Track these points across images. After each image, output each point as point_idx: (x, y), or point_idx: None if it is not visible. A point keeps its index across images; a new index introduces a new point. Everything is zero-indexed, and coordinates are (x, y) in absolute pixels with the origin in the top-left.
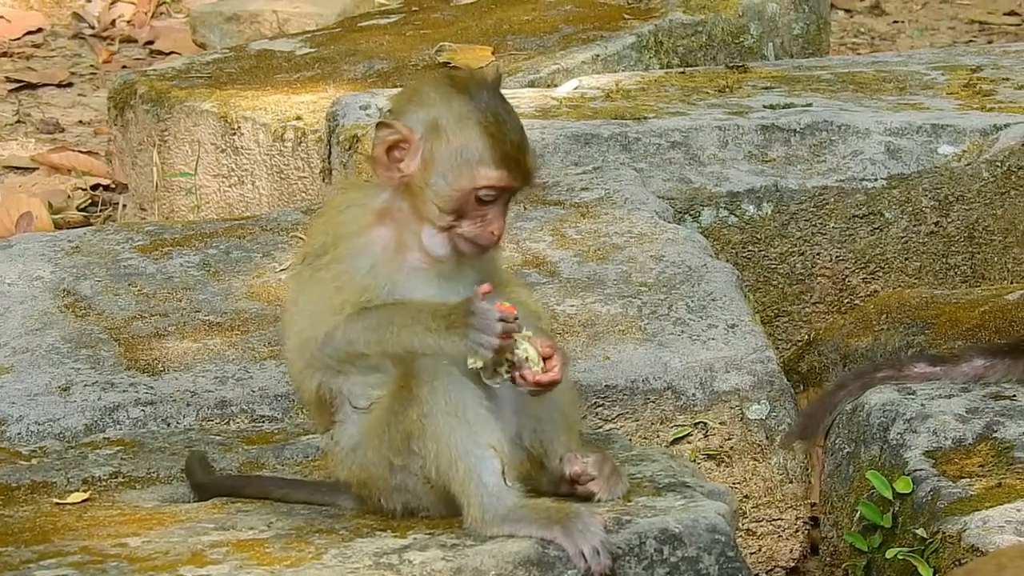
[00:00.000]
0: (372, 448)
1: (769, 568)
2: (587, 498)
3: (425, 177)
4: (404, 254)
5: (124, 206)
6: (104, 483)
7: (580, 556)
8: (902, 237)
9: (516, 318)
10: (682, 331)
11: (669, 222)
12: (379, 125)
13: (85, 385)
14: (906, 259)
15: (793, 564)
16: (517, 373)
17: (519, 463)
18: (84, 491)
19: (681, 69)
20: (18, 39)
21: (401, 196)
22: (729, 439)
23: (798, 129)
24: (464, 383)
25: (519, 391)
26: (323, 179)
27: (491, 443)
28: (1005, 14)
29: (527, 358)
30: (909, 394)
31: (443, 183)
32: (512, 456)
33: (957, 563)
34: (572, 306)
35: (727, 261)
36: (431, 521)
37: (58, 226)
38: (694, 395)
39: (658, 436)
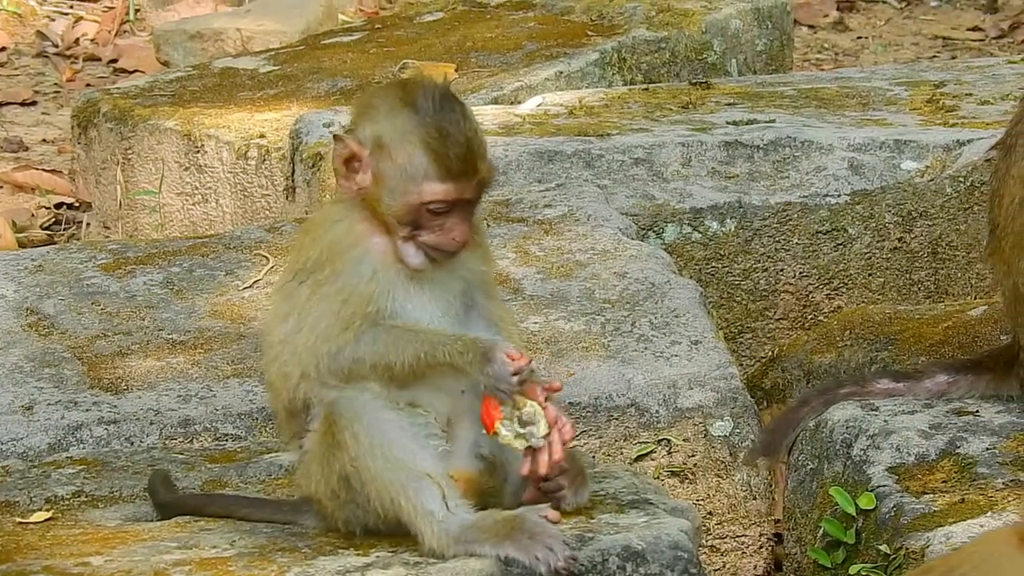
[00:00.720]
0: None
1: None
2: (554, 498)
3: (377, 191)
4: (396, 262)
5: (88, 224)
6: (67, 502)
7: (537, 563)
8: (865, 253)
9: (532, 371)
10: (645, 348)
11: (632, 239)
12: (334, 138)
13: (48, 404)
14: (870, 275)
15: None
16: (531, 457)
17: (478, 473)
18: (47, 510)
19: (644, 86)
20: None
21: (364, 208)
22: (693, 456)
23: (761, 145)
24: (384, 420)
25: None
26: (287, 197)
27: (426, 472)
28: (968, 30)
29: (535, 419)
30: (872, 410)
31: (392, 199)
32: (468, 469)
33: None
34: (536, 323)
35: (691, 278)
36: (394, 539)
37: (22, 244)
38: (657, 412)
39: (621, 453)
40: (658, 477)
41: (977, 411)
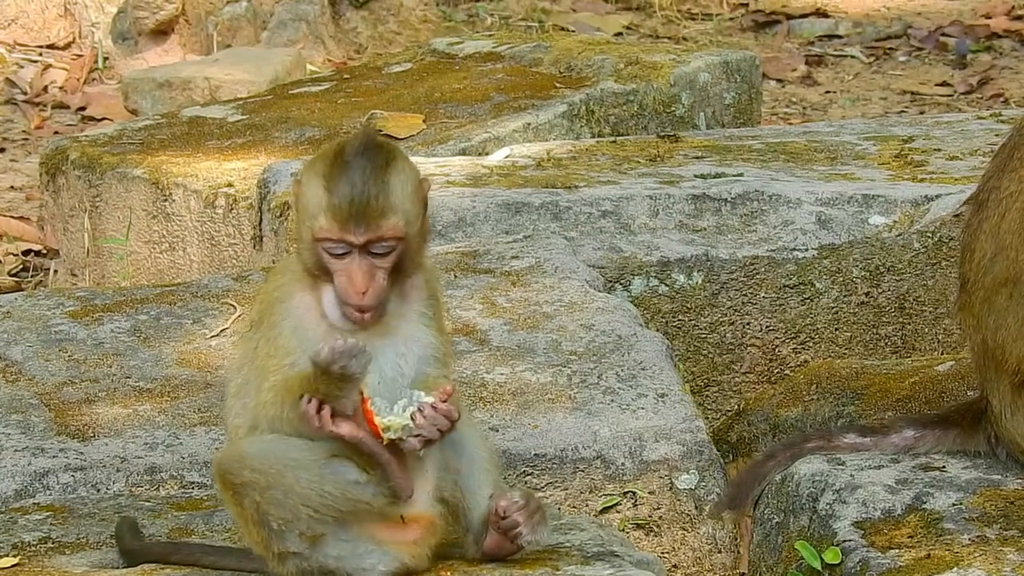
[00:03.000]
0: None
1: None
2: (511, 536)
3: (296, 232)
4: (325, 319)
5: (55, 272)
6: (34, 548)
7: None
8: (832, 307)
9: (367, 356)
10: (612, 400)
11: (599, 291)
12: (293, 178)
13: (15, 450)
14: (836, 329)
15: None
16: (416, 416)
17: (437, 516)
18: (14, 556)
19: (612, 138)
20: None
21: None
22: (658, 508)
23: (729, 199)
24: (273, 442)
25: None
26: (254, 246)
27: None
28: (937, 85)
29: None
30: (839, 464)
31: (301, 236)
32: (426, 511)
33: None
34: (502, 374)
35: (657, 330)
36: None
37: None
38: (623, 464)
39: (587, 505)
40: (623, 529)
41: (944, 466)
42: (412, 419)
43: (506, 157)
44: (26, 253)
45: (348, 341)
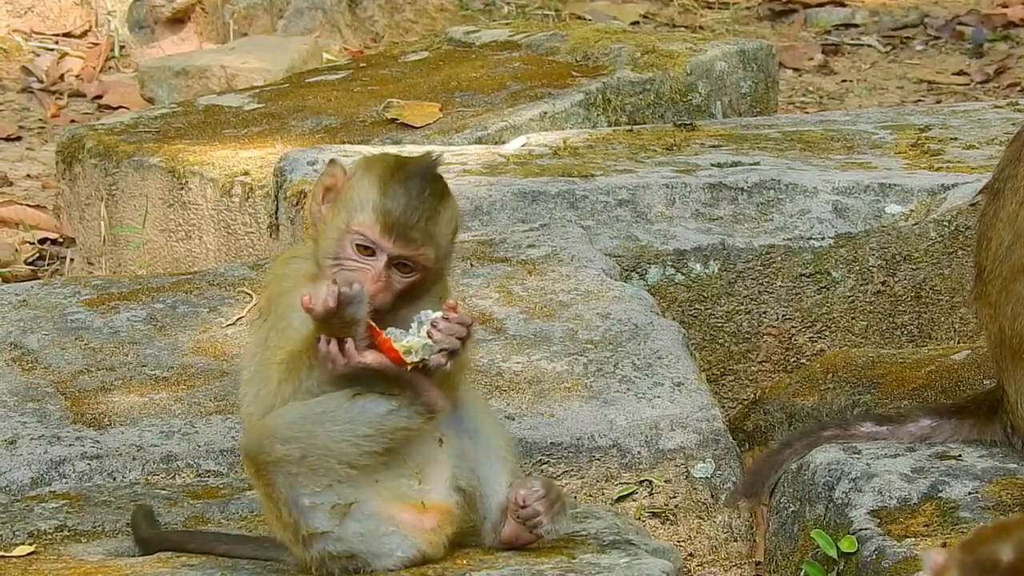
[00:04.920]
0: None
1: None
2: (531, 525)
3: (327, 218)
4: None
5: (72, 260)
6: (50, 536)
7: None
8: (849, 296)
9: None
10: (628, 389)
11: (616, 280)
12: (329, 161)
13: (31, 439)
14: (853, 318)
15: None
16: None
17: (454, 505)
18: (30, 544)
19: (629, 127)
20: None
21: (313, 240)
22: (674, 497)
23: (745, 188)
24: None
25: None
26: (270, 234)
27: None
28: (954, 74)
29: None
30: (855, 453)
31: (331, 224)
32: (444, 500)
33: None
34: (518, 363)
35: (673, 319)
36: None
37: (5, 280)
38: (639, 453)
39: (603, 494)
40: (639, 518)
41: (960, 455)
42: (429, 336)
43: (522, 146)
44: (42, 242)
45: (347, 288)
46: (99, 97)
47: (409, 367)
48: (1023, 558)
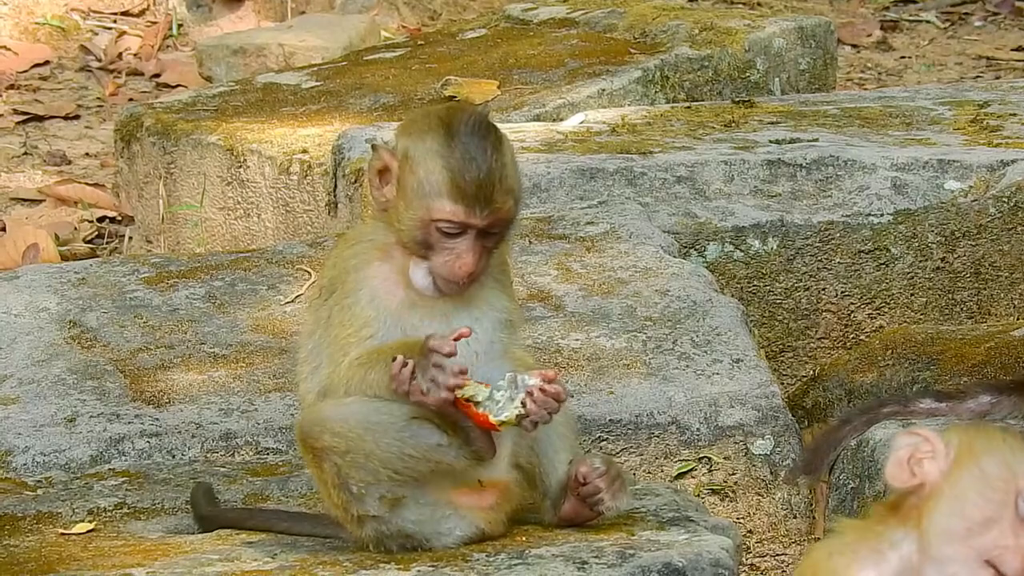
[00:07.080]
0: None
1: None
2: (591, 502)
3: (397, 205)
4: (403, 288)
5: (130, 238)
6: (109, 514)
7: None
8: (908, 273)
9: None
10: (687, 366)
11: (674, 256)
12: (372, 148)
13: (91, 416)
14: (912, 295)
15: None
16: (527, 398)
17: (513, 481)
18: (89, 521)
19: (687, 104)
20: (25, 72)
21: (388, 227)
22: (733, 474)
23: (804, 164)
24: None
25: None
26: (328, 212)
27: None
28: (1013, 50)
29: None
30: None
31: (407, 213)
32: (503, 477)
33: None
34: (577, 340)
35: (732, 296)
36: (435, 553)
37: (64, 258)
38: (698, 430)
39: (662, 471)
40: (699, 495)
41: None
42: (522, 404)
43: (581, 123)
44: (101, 220)
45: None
46: (157, 76)
47: (499, 430)
48: None
